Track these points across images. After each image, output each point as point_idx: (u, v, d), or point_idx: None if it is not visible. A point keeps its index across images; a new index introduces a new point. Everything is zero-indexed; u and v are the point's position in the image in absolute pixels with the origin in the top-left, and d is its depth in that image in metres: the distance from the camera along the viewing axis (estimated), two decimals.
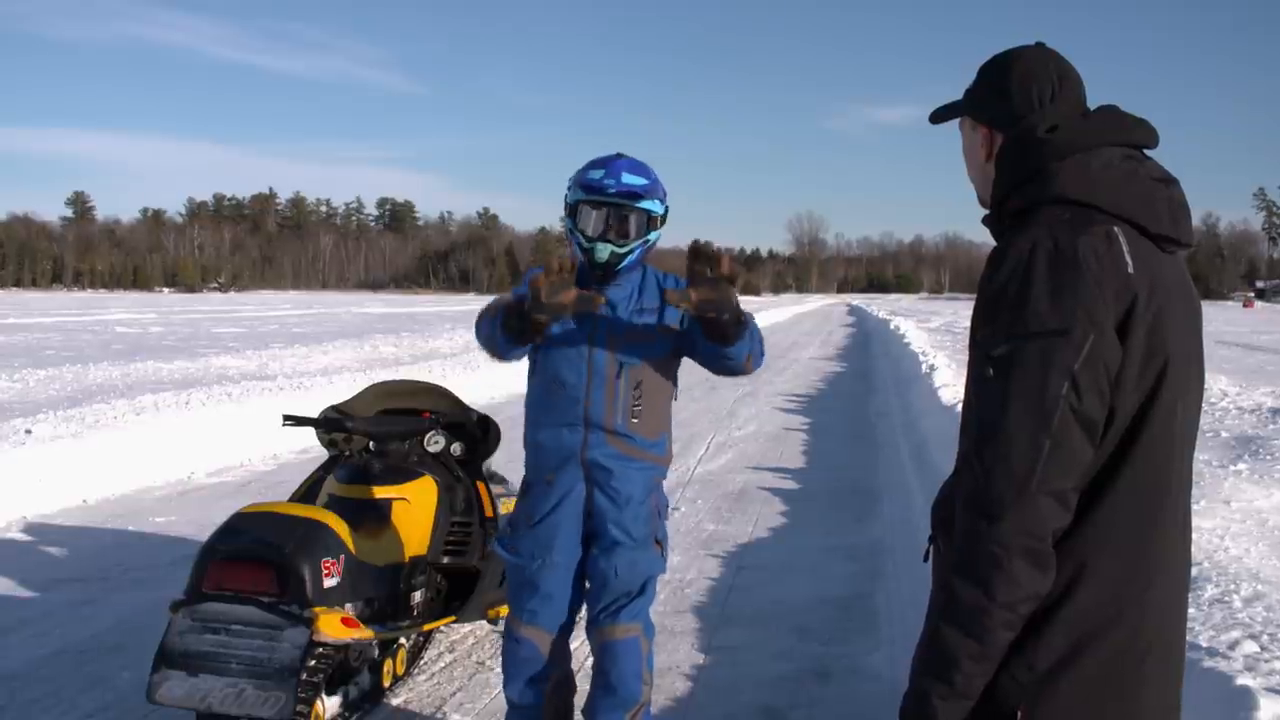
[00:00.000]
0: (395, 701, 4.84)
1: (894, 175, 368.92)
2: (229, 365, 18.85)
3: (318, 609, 4.10)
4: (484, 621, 5.44)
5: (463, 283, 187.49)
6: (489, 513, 5.35)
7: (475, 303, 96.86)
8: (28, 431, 9.80)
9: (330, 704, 4.39)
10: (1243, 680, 3.69)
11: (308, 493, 5.33)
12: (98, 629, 5.76)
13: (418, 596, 5.00)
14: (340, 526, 4.41)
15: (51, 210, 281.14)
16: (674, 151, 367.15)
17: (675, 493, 9.44)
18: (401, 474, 5.14)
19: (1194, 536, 5.90)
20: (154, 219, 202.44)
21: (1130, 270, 1.81)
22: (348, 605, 4.36)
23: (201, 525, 8.00)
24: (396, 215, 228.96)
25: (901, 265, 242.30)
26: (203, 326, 38.45)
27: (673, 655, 5.50)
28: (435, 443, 5.40)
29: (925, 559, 2.13)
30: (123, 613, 6.02)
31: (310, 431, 5.56)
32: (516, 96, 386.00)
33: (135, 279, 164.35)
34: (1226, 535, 6.05)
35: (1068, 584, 1.82)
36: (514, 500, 5.14)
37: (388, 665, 4.87)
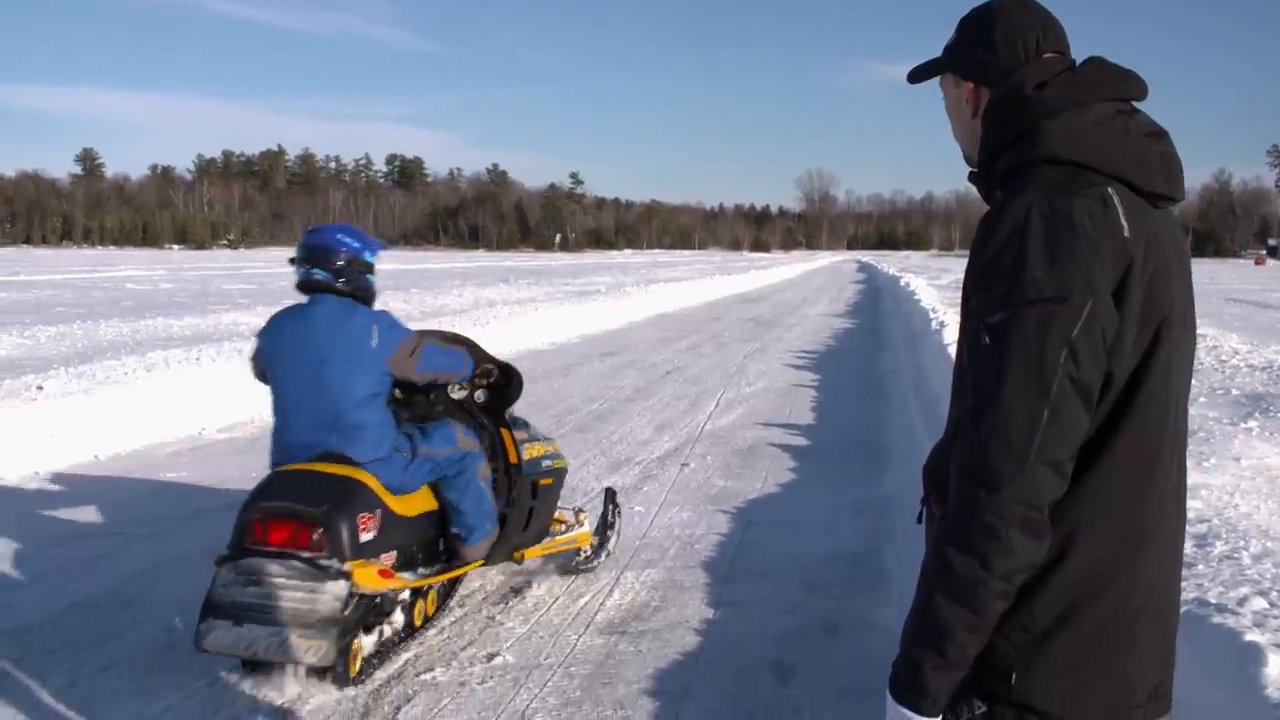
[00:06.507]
0: (406, 655, 4.87)
1: (905, 132, 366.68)
2: (239, 321, 18.86)
3: (356, 562, 4.37)
4: (510, 563, 5.63)
5: (472, 239, 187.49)
6: (513, 459, 5.59)
7: (485, 259, 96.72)
8: (39, 388, 9.83)
9: (367, 643, 4.59)
10: (1251, 636, 3.70)
11: None
12: (111, 583, 5.80)
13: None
14: (375, 481, 4.62)
15: (61, 167, 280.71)
16: (683, 109, 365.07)
17: (685, 449, 9.47)
18: (428, 422, 5.24)
19: (1204, 494, 5.90)
20: (163, 176, 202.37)
21: (1126, 234, 1.77)
22: (383, 556, 4.62)
23: (213, 481, 8.05)
24: (406, 172, 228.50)
25: (912, 222, 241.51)
26: (213, 283, 38.47)
27: (683, 610, 5.53)
28: (460, 391, 5.50)
29: (919, 521, 2.12)
30: (136, 567, 6.05)
31: None
32: (526, 53, 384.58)
33: (145, 236, 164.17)
34: (1236, 492, 6.05)
35: (1062, 547, 1.80)
36: (537, 444, 5.79)
37: (419, 606, 5.05)
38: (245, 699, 4.36)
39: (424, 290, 31.31)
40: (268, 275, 47.50)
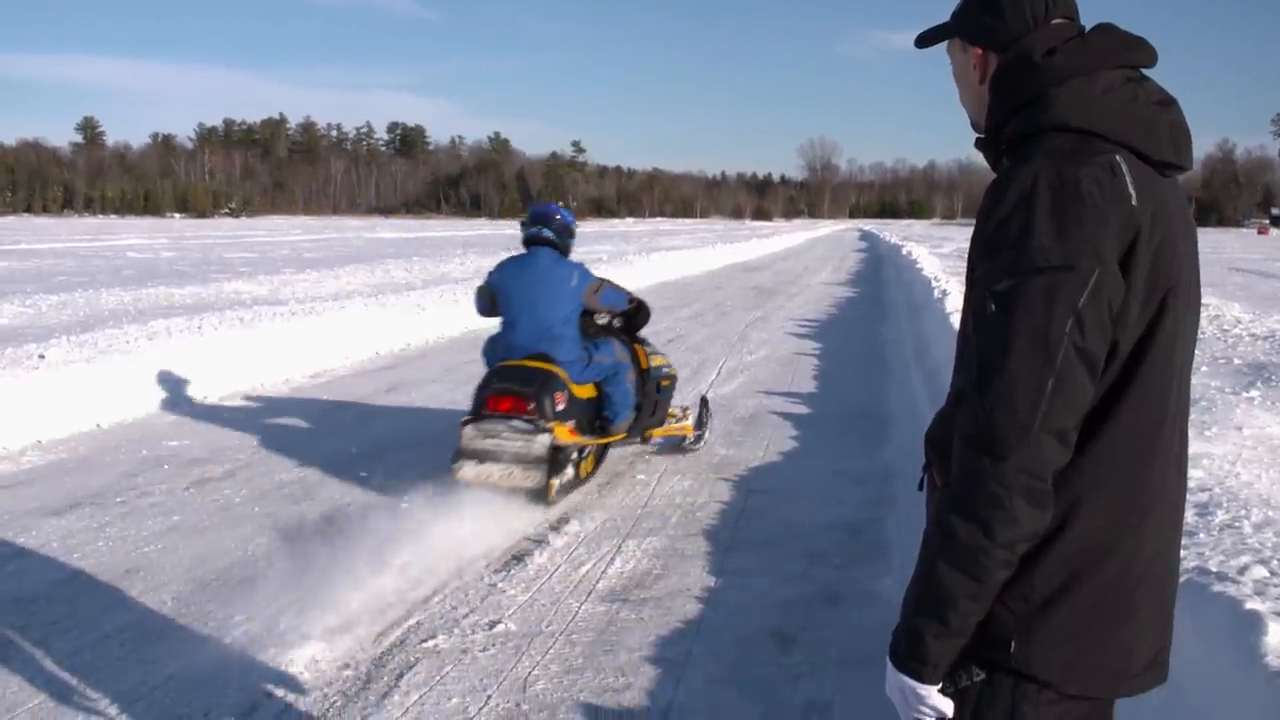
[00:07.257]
0: (409, 622, 4.89)
1: (907, 100, 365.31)
2: (241, 290, 18.85)
3: (555, 423, 6.48)
4: (639, 441, 7.85)
5: (474, 208, 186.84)
6: (644, 365, 7.74)
7: (487, 227, 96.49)
8: (41, 356, 9.83)
9: (555, 483, 6.54)
10: (1251, 604, 3.70)
11: None
12: (116, 552, 5.81)
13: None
14: (563, 373, 6.73)
15: (61, 136, 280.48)
16: (685, 77, 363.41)
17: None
18: (597, 339, 7.33)
19: (1205, 463, 5.88)
20: (164, 144, 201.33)
21: (1134, 203, 1.76)
22: (569, 423, 6.69)
23: (215, 450, 8.06)
24: (407, 140, 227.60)
25: (914, 191, 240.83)
26: (214, 252, 38.37)
27: (684, 578, 5.55)
28: (603, 317, 7.44)
29: (920, 488, 2.12)
30: (140, 535, 6.07)
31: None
32: (527, 21, 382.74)
33: (146, 205, 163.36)
34: (1238, 461, 6.04)
35: (1064, 516, 1.80)
36: (659, 356, 8.08)
37: (583, 465, 7.07)
38: (248, 668, 4.37)
39: (425, 258, 31.27)
40: (269, 244, 47.43)
